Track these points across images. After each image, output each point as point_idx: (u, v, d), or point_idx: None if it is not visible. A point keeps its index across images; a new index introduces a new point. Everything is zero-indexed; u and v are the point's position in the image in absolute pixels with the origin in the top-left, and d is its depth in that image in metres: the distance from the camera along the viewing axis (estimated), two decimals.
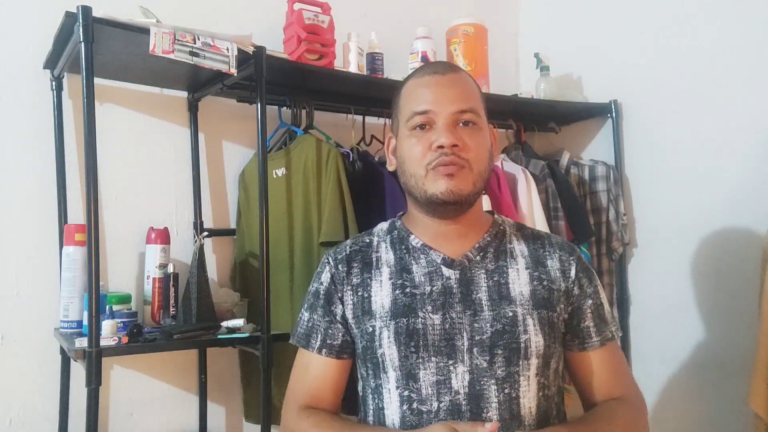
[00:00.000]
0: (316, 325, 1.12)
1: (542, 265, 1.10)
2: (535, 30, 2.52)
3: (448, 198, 1.02)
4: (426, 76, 1.08)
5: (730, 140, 1.83)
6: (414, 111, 1.05)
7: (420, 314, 1.03)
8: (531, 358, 1.01)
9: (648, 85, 2.08)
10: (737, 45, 1.82)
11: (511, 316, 1.03)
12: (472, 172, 1.03)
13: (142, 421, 1.66)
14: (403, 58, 1.95)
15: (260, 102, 1.48)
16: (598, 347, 1.09)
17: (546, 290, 1.07)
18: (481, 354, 1.00)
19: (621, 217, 2.10)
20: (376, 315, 1.06)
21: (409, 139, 1.06)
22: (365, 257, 1.13)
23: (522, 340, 1.01)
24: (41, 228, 1.56)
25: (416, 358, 1.02)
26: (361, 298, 1.09)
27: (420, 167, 1.04)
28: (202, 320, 1.50)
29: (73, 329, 1.46)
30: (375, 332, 1.05)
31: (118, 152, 1.66)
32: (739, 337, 1.77)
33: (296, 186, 1.67)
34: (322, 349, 1.11)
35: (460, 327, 1.02)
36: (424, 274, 1.07)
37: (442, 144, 1.02)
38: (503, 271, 1.07)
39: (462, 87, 1.07)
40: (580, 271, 1.10)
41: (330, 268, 1.14)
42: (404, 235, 1.13)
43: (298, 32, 1.65)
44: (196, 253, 1.55)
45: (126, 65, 1.51)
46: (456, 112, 1.04)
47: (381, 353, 1.04)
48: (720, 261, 1.86)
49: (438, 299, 1.04)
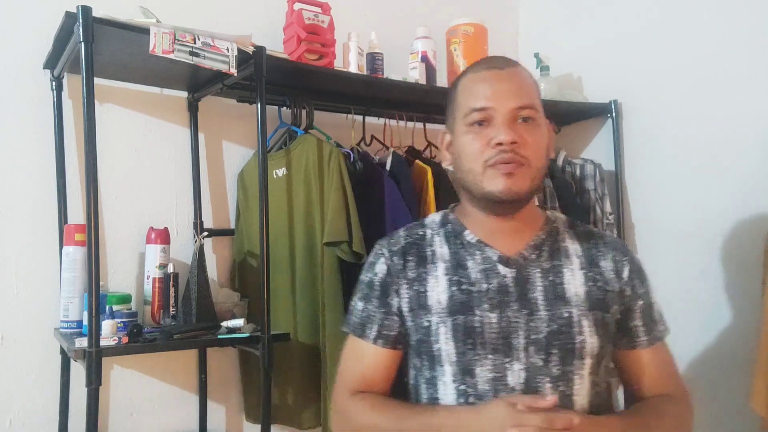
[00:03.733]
0: (372, 315, 1.12)
1: (596, 265, 1.09)
2: (535, 30, 2.52)
3: (506, 196, 1.02)
4: (484, 71, 1.06)
5: (730, 140, 1.83)
6: (472, 107, 1.04)
7: (477, 312, 1.03)
8: (585, 358, 1.02)
9: (648, 85, 2.08)
10: (737, 45, 1.82)
11: (566, 317, 1.03)
12: (530, 169, 1.02)
13: (142, 421, 1.67)
14: (403, 58, 1.95)
15: (260, 102, 1.48)
16: (647, 346, 1.10)
17: (600, 291, 1.07)
18: (537, 353, 1.01)
19: (606, 216, 2.10)
20: (432, 310, 1.06)
21: (467, 135, 1.05)
22: (420, 250, 1.12)
23: (578, 341, 1.02)
24: (41, 228, 1.56)
25: (473, 354, 1.02)
26: (416, 292, 1.09)
27: (477, 164, 1.03)
28: (202, 320, 1.50)
29: (73, 329, 1.46)
30: (431, 327, 1.05)
31: (118, 152, 1.66)
32: (739, 337, 1.77)
33: (297, 186, 1.67)
34: (378, 339, 1.11)
35: (516, 326, 1.02)
36: (480, 271, 1.07)
37: (501, 141, 1.00)
38: (558, 270, 1.07)
39: (521, 82, 1.06)
40: (633, 272, 1.11)
41: (385, 259, 1.13)
42: (459, 230, 1.12)
43: (298, 32, 1.65)
44: (196, 253, 1.55)
45: (126, 65, 1.51)
46: (515, 108, 1.02)
47: (437, 348, 1.04)
48: (720, 260, 1.85)
49: (495, 297, 1.04)
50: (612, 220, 2.10)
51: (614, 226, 2.10)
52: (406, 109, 1.93)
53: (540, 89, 1.12)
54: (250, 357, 1.74)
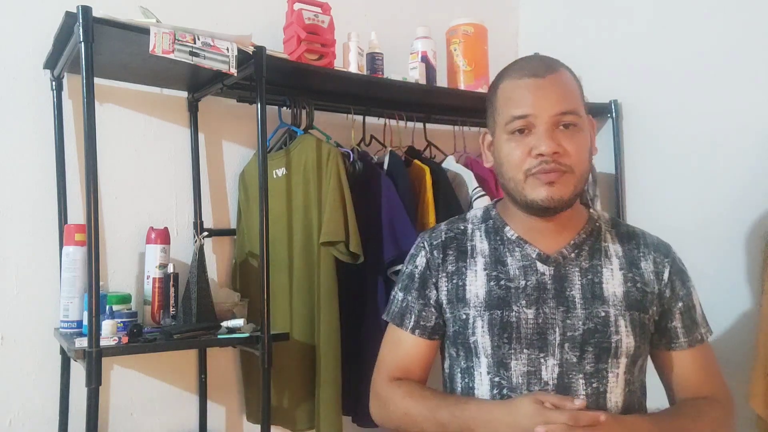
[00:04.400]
0: (411, 306, 1.15)
1: (636, 266, 1.10)
2: (535, 30, 2.52)
3: (549, 205, 1.03)
4: (525, 79, 1.05)
5: (730, 140, 1.83)
6: (513, 115, 1.04)
7: (514, 308, 1.05)
8: (621, 357, 1.03)
9: (648, 85, 2.08)
10: (737, 45, 1.82)
11: (603, 316, 1.04)
12: (573, 176, 1.03)
13: (142, 421, 1.67)
14: (403, 58, 1.95)
15: (260, 102, 1.48)
16: (686, 348, 1.11)
17: (639, 292, 1.08)
18: (572, 350, 1.03)
19: None
20: (470, 304, 1.09)
21: (508, 143, 1.05)
22: (460, 245, 1.14)
23: (613, 340, 1.03)
24: (41, 228, 1.56)
25: (508, 348, 1.04)
26: (455, 285, 1.11)
27: (519, 172, 1.04)
28: (202, 320, 1.50)
29: (73, 329, 1.46)
30: (469, 320, 1.08)
31: (118, 152, 1.66)
32: (739, 338, 1.77)
33: (296, 186, 1.67)
34: (415, 329, 1.14)
35: (552, 322, 1.04)
36: (519, 268, 1.08)
37: (542, 152, 1.01)
38: (597, 270, 1.08)
39: (562, 88, 1.05)
40: (674, 273, 1.11)
41: (426, 252, 1.16)
42: (499, 226, 1.14)
43: (298, 32, 1.65)
44: (196, 253, 1.55)
45: (126, 65, 1.51)
46: (556, 115, 1.02)
47: (474, 340, 1.07)
48: (720, 260, 1.85)
49: (532, 294, 1.06)
50: None
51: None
52: (406, 109, 1.93)
53: (581, 87, 1.11)
54: (250, 357, 1.74)
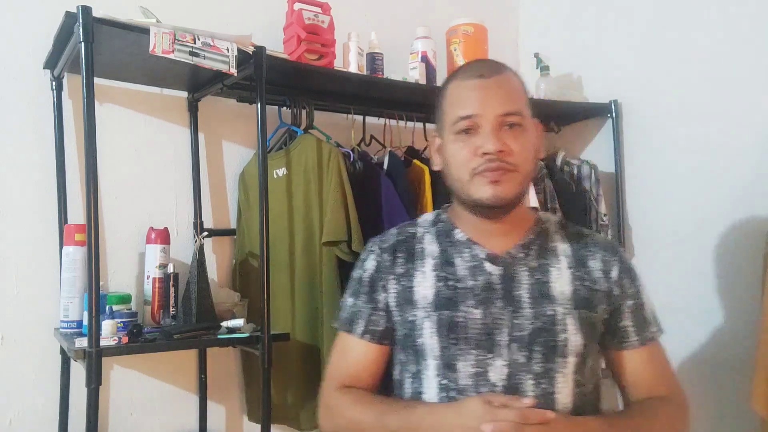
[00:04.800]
0: (360, 310, 1.14)
1: (584, 265, 1.10)
2: (535, 30, 2.51)
3: (494, 203, 1.04)
4: (471, 80, 1.07)
5: (730, 140, 1.83)
6: (459, 115, 1.05)
7: (462, 308, 1.05)
8: (569, 356, 1.03)
9: (648, 85, 2.08)
10: (737, 45, 1.82)
11: (550, 314, 1.04)
12: (518, 175, 1.04)
13: (142, 421, 1.67)
14: (403, 58, 1.95)
15: (260, 102, 1.48)
16: (638, 347, 1.10)
17: (587, 290, 1.08)
18: (520, 350, 1.02)
19: (601, 217, 2.10)
20: (418, 305, 1.08)
21: (455, 143, 1.06)
22: (410, 247, 1.15)
23: (561, 338, 1.03)
24: (41, 228, 1.56)
25: (456, 349, 1.04)
26: (404, 287, 1.11)
27: (465, 172, 1.05)
28: (202, 320, 1.50)
29: (73, 329, 1.46)
30: (416, 322, 1.07)
31: (118, 152, 1.66)
32: (739, 338, 1.77)
33: (297, 186, 1.67)
34: (365, 334, 1.13)
35: (500, 322, 1.04)
36: (468, 269, 1.09)
37: (487, 150, 1.02)
38: (545, 269, 1.08)
39: (507, 89, 1.07)
40: (623, 271, 1.11)
41: (375, 256, 1.16)
42: (449, 228, 1.14)
43: (298, 32, 1.65)
44: (196, 253, 1.55)
45: (126, 65, 1.51)
46: (501, 115, 1.04)
47: (421, 342, 1.06)
48: (720, 261, 1.85)
49: (480, 294, 1.06)
50: (606, 221, 2.10)
51: (608, 227, 2.11)
52: (406, 109, 1.93)
53: (528, 90, 1.13)
54: (251, 357, 1.74)
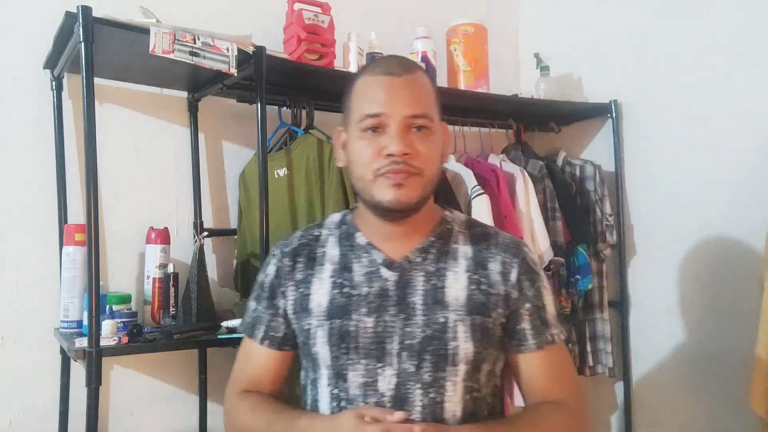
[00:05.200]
0: (261, 316, 1.13)
1: (483, 267, 1.07)
2: (535, 30, 2.52)
3: (395, 207, 1.00)
4: (380, 76, 1.03)
5: (730, 140, 1.83)
6: (365, 113, 1.01)
7: (354, 317, 1.03)
8: (459, 364, 1.01)
9: (648, 85, 2.08)
10: (737, 45, 1.82)
11: (442, 322, 1.01)
12: (422, 179, 1.01)
13: (142, 421, 1.67)
14: None
15: (260, 102, 1.48)
16: (534, 350, 1.07)
17: (483, 295, 1.05)
18: (410, 358, 1.00)
19: (606, 217, 2.10)
20: (312, 314, 1.06)
21: (360, 141, 1.02)
22: (311, 252, 1.12)
23: (451, 346, 1.00)
24: (41, 228, 1.56)
25: (346, 359, 1.02)
26: (301, 295, 1.09)
27: (368, 171, 1.01)
28: (202, 320, 1.50)
29: (73, 329, 1.46)
30: (311, 331, 1.06)
31: (118, 152, 1.66)
32: (738, 338, 1.77)
33: (298, 186, 1.67)
34: (264, 340, 1.12)
35: (391, 331, 1.02)
36: (364, 274, 1.06)
37: (392, 152, 0.98)
38: (442, 273, 1.05)
39: (416, 89, 1.03)
40: (522, 273, 1.07)
41: (276, 261, 1.13)
42: (352, 231, 1.11)
43: (298, 32, 1.65)
44: (196, 253, 1.55)
45: (126, 65, 1.52)
46: (409, 117, 1.00)
47: (315, 351, 1.05)
48: (720, 261, 1.86)
49: (374, 302, 1.03)
50: (611, 221, 2.10)
51: (614, 227, 2.10)
52: None
53: (437, 93, 1.08)
54: None
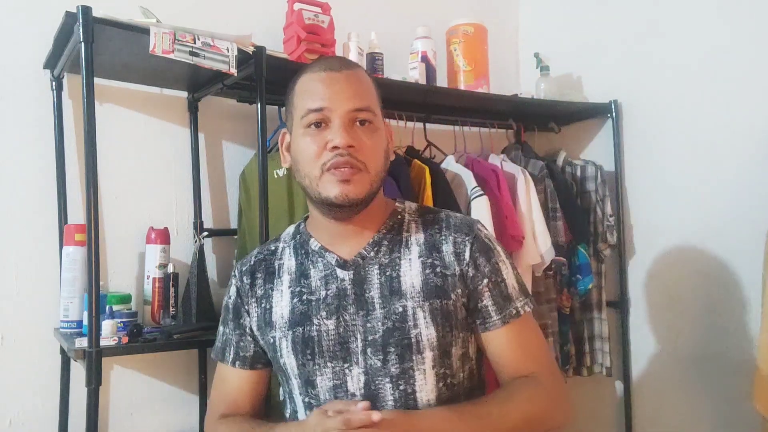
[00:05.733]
0: (229, 338, 1.13)
1: (437, 250, 1.05)
2: (535, 30, 2.52)
3: (343, 202, 0.99)
4: (320, 72, 1.03)
5: (730, 140, 1.83)
6: (308, 108, 1.01)
7: (315, 321, 1.03)
8: (424, 351, 1.00)
9: (648, 85, 2.08)
10: (737, 45, 1.82)
11: (401, 311, 1.01)
12: (369, 174, 1.00)
13: (142, 421, 1.66)
14: (403, 58, 1.95)
15: (260, 102, 1.48)
16: (501, 326, 1.04)
17: (439, 277, 1.03)
18: (375, 354, 1.00)
19: (607, 217, 2.10)
20: (276, 326, 1.07)
21: (304, 137, 1.02)
22: (268, 266, 1.12)
23: (413, 335, 1.00)
24: (41, 228, 1.56)
25: (313, 365, 1.02)
26: (263, 309, 1.09)
27: (314, 168, 1.00)
28: (202, 320, 1.50)
29: (73, 329, 1.46)
30: (276, 343, 1.06)
31: (118, 152, 1.66)
32: (738, 338, 1.77)
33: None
34: (235, 361, 1.12)
35: (353, 329, 1.01)
36: (320, 278, 1.06)
37: (337, 144, 0.98)
38: (396, 263, 1.04)
39: (357, 84, 1.04)
40: (476, 250, 1.05)
41: (236, 281, 1.14)
42: (305, 239, 1.11)
43: (298, 32, 1.65)
44: (196, 253, 1.55)
45: (126, 65, 1.51)
46: (352, 110, 1.00)
47: (283, 362, 1.06)
48: (720, 261, 1.86)
49: (332, 303, 1.03)
50: (612, 222, 2.10)
51: (615, 228, 2.10)
52: (406, 109, 1.93)
53: (378, 92, 1.09)
54: None
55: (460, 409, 0.98)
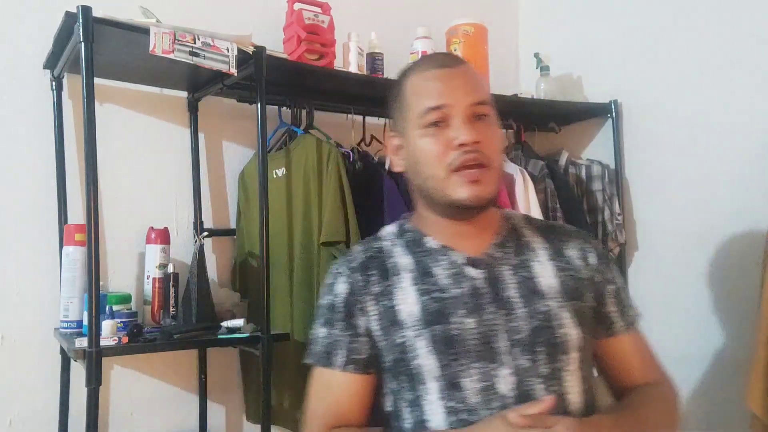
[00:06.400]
0: (337, 340, 1.02)
1: (562, 254, 1.05)
2: (535, 30, 2.52)
3: (474, 203, 0.97)
4: (434, 69, 1.01)
5: (730, 140, 1.83)
6: (427, 107, 0.97)
7: (454, 319, 0.97)
8: (570, 352, 0.97)
9: (648, 85, 2.08)
10: (737, 45, 1.82)
11: (545, 310, 0.97)
12: (494, 171, 0.98)
13: (142, 421, 1.67)
14: (403, 58, 1.94)
15: (260, 102, 1.48)
16: (625, 332, 1.05)
17: (573, 280, 1.02)
18: (523, 354, 0.95)
19: (615, 216, 2.09)
20: (405, 325, 0.98)
21: (423, 138, 0.98)
22: (381, 264, 1.05)
23: (560, 334, 0.96)
24: (41, 228, 1.56)
25: (457, 365, 0.95)
26: (385, 307, 1.01)
27: (440, 168, 0.96)
28: (202, 320, 1.50)
29: (73, 329, 1.46)
30: (407, 343, 0.97)
31: (118, 152, 1.66)
32: (738, 337, 1.77)
33: (296, 186, 1.67)
34: (347, 365, 1.01)
35: (496, 328, 0.96)
36: (448, 276, 1.01)
37: (464, 141, 0.94)
38: (527, 265, 1.02)
39: (474, 78, 1.01)
40: (599, 257, 1.06)
41: (345, 278, 1.05)
42: (418, 237, 1.06)
43: (298, 32, 1.65)
44: (196, 253, 1.55)
45: (126, 65, 1.52)
46: (473, 104, 0.97)
47: (417, 364, 0.96)
48: (720, 261, 1.86)
49: (469, 302, 0.98)
50: (621, 220, 2.09)
51: (623, 226, 2.10)
52: None
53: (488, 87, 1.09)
54: (250, 357, 1.74)
55: (617, 415, 0.98)
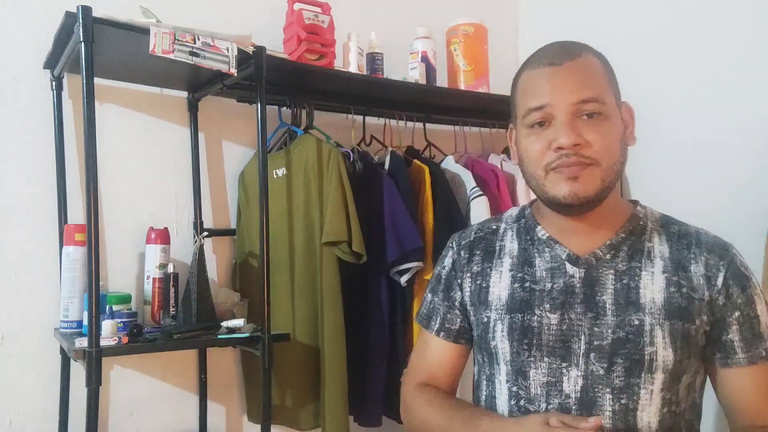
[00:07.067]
0: (437, 307, 1.11)
1: (684, 269, 0.97)
2: (535, 30, 2.51)
3: (572, 201, 0.94)
4: (541, 67, 0.99)
5: (730, 140, 1.83)
6: (529, 107, 0.97)
7: (537, 312, 0.98)
8: (656, 372, 0.93)
9: (648, 85, 2.07)
10: (737, 45, 1.82)
11: (636, 324, 0.93)
12: (599, 168, 0.94)
13: (142, 421, 1.67)
14: (403, 58, 1.95)
15: (260, 102, 1.48)
16: (744, 365, 0.96)
17: (685, 299, 0.95)
18: (599, 360, 0.93)
19: None
20: (491, 306, 1.03)
21: (527, 137, 0.98)
22: (488, 245, 1.09)
23: (647, 352, 0.92)
24: (41, 228, 1.56)
25: (528, 356, 0.97)
26: (479, 286, 1.06)
27: (539, 168, 0.96)
28: (202, 320, 1.50)
29: (73, 329, 1.46)
30: (489, 323, 1.02)
31: (118, 152, 1.66)
32: None
33: (297, 186, 1.67)
34: (440, 331, 1.10)
35: (578, 329, 0.95)
36: (547, 269, 1.01)
37: (561, 145, 0.92)
38: (635, 273, 0.97)
39: (582, 74, 0.97)
40: (731, 278, 0.97)
41: (453, 253, 1.12)
42: (531, 225, 1.07)
43: (298, 32, 1.65)
44: (196, 253, 1.55)
45: (126, 65, 1.51)
46: (576, 104, 0.94)
47: (494, 345, 1.01)
48: None
49: (558, 297, 0.98)
50: None
51: None
52: (406, 109, 1.93)
53: (610, 71, 1.04)
54: (250, 357, 1.74)
55: None
